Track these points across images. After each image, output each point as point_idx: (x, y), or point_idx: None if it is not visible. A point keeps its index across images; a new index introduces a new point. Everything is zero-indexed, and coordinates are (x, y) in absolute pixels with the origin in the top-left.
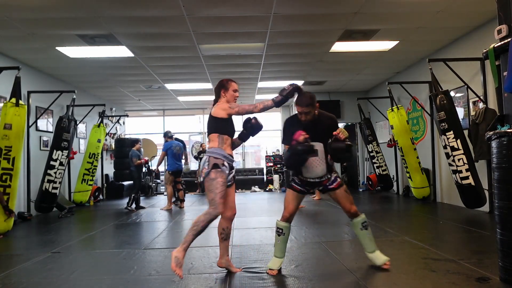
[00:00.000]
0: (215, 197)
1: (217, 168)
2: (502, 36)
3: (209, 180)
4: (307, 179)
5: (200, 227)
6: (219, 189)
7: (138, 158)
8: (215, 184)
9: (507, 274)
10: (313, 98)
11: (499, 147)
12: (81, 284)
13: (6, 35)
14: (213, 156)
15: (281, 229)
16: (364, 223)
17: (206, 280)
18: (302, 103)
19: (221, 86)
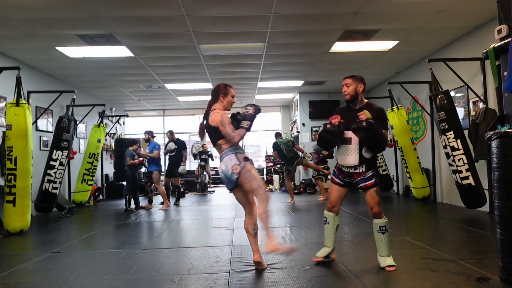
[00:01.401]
0: (260, 183)
1: (247, 160)
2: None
3: (246, 171)
4: (342, 167)
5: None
6: (258, 175)
7: (132, 158)
8: (254, 172)
9: (507, 274)
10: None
11: (499, 147)
12: (81, 284)
13: (6, 35)
14: (239, 152)
15: (325, 217)
16: (383, 228)
17: (206, 280)
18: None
19: (220, 91)
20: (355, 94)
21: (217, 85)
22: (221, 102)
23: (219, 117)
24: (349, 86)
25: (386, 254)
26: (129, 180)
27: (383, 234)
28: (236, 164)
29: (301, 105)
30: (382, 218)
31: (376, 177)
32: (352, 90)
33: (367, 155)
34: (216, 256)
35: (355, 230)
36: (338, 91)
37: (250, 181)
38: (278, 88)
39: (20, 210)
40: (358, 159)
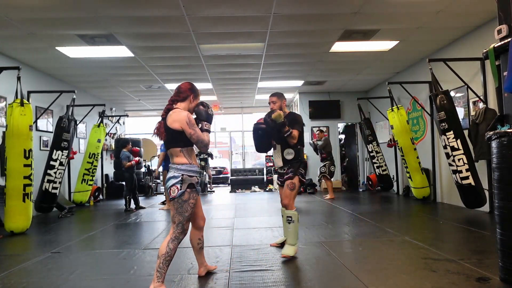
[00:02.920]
0: (183, 220)
1: (192, 188)
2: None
3: (180, 201)
4: (277, 170)
5: (172, 255)
6: (189, 211)
7: (128, 160)
8: (185, 206)
9: (507, 274)
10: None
11: (499, 147)
12: (81, 284)
13: (6, 35)
14: (188, 174)
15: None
16: (289, 218)
17: (206, 280)
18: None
19: (192, 90)
20: (280, 109)
21: (189, 83)
22: (189, 103)
23: (186, 117)
24: (275, 103)
25: (289, 242)
26: (127, 181)
27: (289, 224)
28: (176, 186)
29: (301, 105)
30: (290, 209)
31: (292, 173)
32: (278, 106)
33: (288, 156)
34: (216, 256)
35: (355, 230)
36: (338, 91)
37: (174, 213)
38: (278, 88)
39: (9, 211)
40: (282, 161)
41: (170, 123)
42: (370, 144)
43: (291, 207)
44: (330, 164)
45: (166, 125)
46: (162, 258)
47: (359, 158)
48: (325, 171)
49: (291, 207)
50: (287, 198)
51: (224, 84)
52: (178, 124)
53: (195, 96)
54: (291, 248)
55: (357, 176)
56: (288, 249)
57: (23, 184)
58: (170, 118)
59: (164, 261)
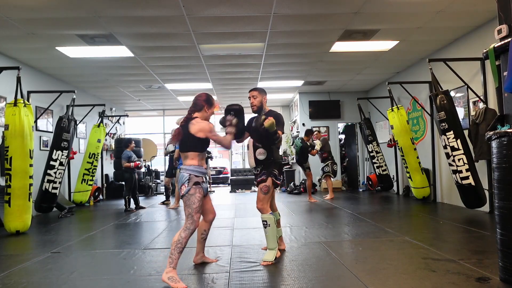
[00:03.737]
0: (192, 212)
1: (198, 185)
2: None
3: (188, 195)
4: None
5: (183, 243)
6: (196, 204)
7: (128, 160)
8: (193, 199)
9: (507, 274)
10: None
11: (499, 147)
12: (81, 284)
13: (6, 35)
14: (194, 174)
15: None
16: (264, 222)
17: (206, 280)
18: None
19: (207, 101)
20: (261, 105)
21: (204, 94)
22: (204, 112)
23: (208, 126)
24: (256, 97)
25: (269, 247)
26: (127, 181)
27: (265, 228)
28: (184, 185)
29: (301, 105)
30: (264, 213)
31: (265, 176)
32: (259, 101)
33: (260, 157)
34: (216, 256)
35: (355, 230)
36: (338, 91)
37: (186, 205)
38: (278, 88)
39: (16, 210)
40: (254, 161)
41: (195, 132)
42: (370, 144)
43: (266, 211)
44: (332, 163)
45: (189, 132)
46: (174, 245)
47: (359, 158)
48: (329, 171)
49: (265, 210)
50: (260, 202)
51: (224, 84)
52: (203, 134)
53: (209, 106)
54: (271, 253)
55: (357, 176)
56: (268, 255)
57: (29, 183)
58: (194, 127)
59: (176, 248)
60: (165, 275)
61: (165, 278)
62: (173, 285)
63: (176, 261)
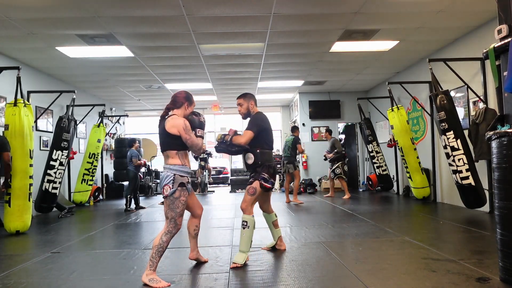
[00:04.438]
0: (175, 216)
1: (183, 187)
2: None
3: (172, 198)
4: None
5: (164, 247)
6: (180, 208)
7: (138, 158)
8: (177, 203)
9: (507, 274)
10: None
11: (499, 147)
12: (81, 284)
13: (6, 35)
14: (179, 174)
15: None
16: (244, 222)
17: (206, 280)
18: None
19: (187, 98)
20: (248, 111)
21: (183, 91)
22: (184, 110)
23: (183, 123)
24: (242, 105)
25: (241, 249)
26: (131, 180)
27: (243, 229)
28: (169, 185)
29: (301, 105)
30: (246, 214)
31: (253, 179)
32: (245, 108)
33: (248, 161)
34: (216, 256)
35: (355, 230)
36: (338, 91)
37: (167, 209)
38: (278, 88)
39: (16, 210)
40: (245, 166)
41: (169, 128)
42: (370, 144)
43: (248, 212)
44: (343, 164)
45: (164, 129)
46: (155, 249)
47: (359, 158)
48: (341, 172)
49: (248, 211)
50: (245, 202)
51: (224, 84)
52: (176, 129)
53: (190, 103)
54: (242, 256)
55: (357, 176)
56: (238, 257)
57: (29, 183)
58: (168, 123)
59: (156, 251)
60: (146, 277)
61: (146, 280)
62: (155, 285)
63: (157, 264)
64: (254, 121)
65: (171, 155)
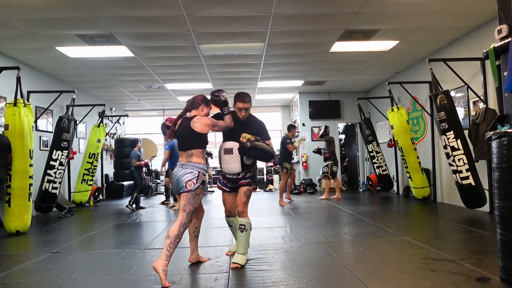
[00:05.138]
0: (192, 210)
1: (203, 185)
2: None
3: (194, 194)
4: (226, 174)
5: (180, 238)
6: (198, 203)
7: (138, 159)
8: (196, 199)
9: (507, 274)
10: (250, 96)
11: (499, 147)
12: (81, 284)
13: (6, 35)
14: (202, 172)
15: (228, 223)
16: (242, 226)
17: (206, 280)
18: (245, 100)
19: (204, 101)
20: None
21: (201, 95)
22: (201, 111)
23: (210, 122)
24: (248, 110)
25: (240, 251)
26: (136, 180)
27: (242, 232)
28: (193, 181)
29: (301, 105)
30: (244, 217)
31: (251, 179)
32: (249, 112)
33: (248, 162)
34: (216, 256)
35: (355, 230)
36: (338, 91)
37: (186, 203)
38: (278, 88)
39: (16, 210)
40: (241, 166)
41: (201, 129)
42: (370, 144)
43: (245, 215)
44: (332, 164)
45: (191, 129)
46: (173, 238)
47: (359, 158)
48: (327, 171)
49: (246, 214)
50: (243, 205)
51: (224, 84)
52: (207, 128)
53: (206, 105)
54: (243, 257)
55: (357, 176)
56: (239, 258)
57: (29, 183)
58: (197, 124)
59: (174, 241)
60: (160, 266)
61: (159, 269)
62: (164, 280)
63: (171, 256)
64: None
65: (196, 153)
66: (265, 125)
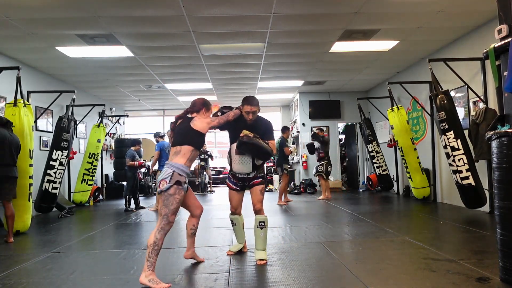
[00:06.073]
0: (168, 212)
1: (179, 185)
2: (502, 36)
3: (167, 195)
4: (236, 174)
5: (159, 245)
6: (174, 205)
7: (132, 159)
8: (171, 200)
9: (507, 274)
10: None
11: (499, 147)
12: (81, 284)
13: (6, 35)
14: (178, 172)
15: (232, 220)
16: (261, 223)
17: (206, 280)
18: (252, 103)
19: (204, 104)
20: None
21: (202, 98)
22: (202, 114)
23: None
24: (255, 113)
25: (261, 248)
26: (129, 180)
27: (261, 229)
28: (165, 180)
29: (301, 105)
30: (262, 214)
31: (263, 178)
32: (256, 115)
33: (258, 162)
34: (216, 256)
35: (355, 230)
36: (338, 91)
37: (163, 205)
38: (278, 88)
39: (16, 210)
40: (252, 167)
41: (201, 128)
42: (370, 144)
43: (263, 212)
44: (327, 164)
45: (191, 127)
46: (150, 248)
47: (359, 158)
48: (322, 170)
49: (263, 212)
50: (260, 203)
51: (224, 84)
52: (208, 126)
53: (207, 109)
54: (265, 252)
55: (357, 176)
56: (262, 254)
57: (29, 183)
58: (197, 123)
59: (153, 250)
60: (145, 278)
61: (145, 281)
62: (155, 286)
63: (155, 264)
64: (273, 129)
65: (183, 151)
66: (272, 126)
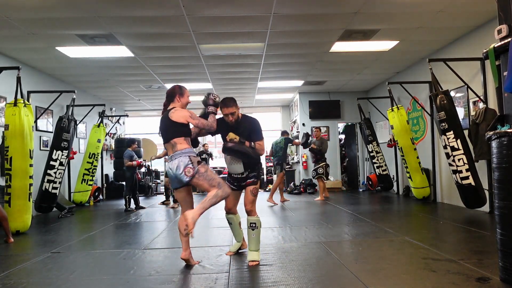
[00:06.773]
0: (219, 180)
1: (201, 162)
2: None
3: (202, 174)
4: (232, 174)
5: (218, 199)
6: (215, 177)
7: (130, 159)
8: (209, 173)
9: (507, 274)
10: (234, 99)
11: (499, 147)
12: (81, 284)
13: (6, 35)
14: (192, 155)
15: (228, 220)
16: (253, 224)
17: (206, 280)
18: (228, 105)
19: (176, 91)
20: (237, 117)
21: (173, 87)
22: (177, 102)
23: (188, 112)
24: (234, 114)
25: (253, 249)
26: (128, 180)
27: (253, 230)
28: (189, 167)
29: (301, 105)
30: (253, 215)
31: (255, 178)
32: (236, 115)
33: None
34: (216, 256)
35: (355, 230)
36: (338, 91)
37: (208, 180)
38: (278, 88)
39: (16, 210)
40: (243, 166)
41: (177, 119)
42: (370, 144)
43: (255, 213)
44: (326, 166)
45: (170, 120)
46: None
47: (359, 158)
48: (323, 172)
49: (255, 212)
50: (251, 203)
51: (224, 84)
52: (184, 119)
53: (180, 94)
54: (257, 253)
55: (357, 176)
56: (255, 255)
57: (29, 183)
58: (174, 114)
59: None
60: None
61: (189, 217)
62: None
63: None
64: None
65: (179, 141)
66: (259, 124)
